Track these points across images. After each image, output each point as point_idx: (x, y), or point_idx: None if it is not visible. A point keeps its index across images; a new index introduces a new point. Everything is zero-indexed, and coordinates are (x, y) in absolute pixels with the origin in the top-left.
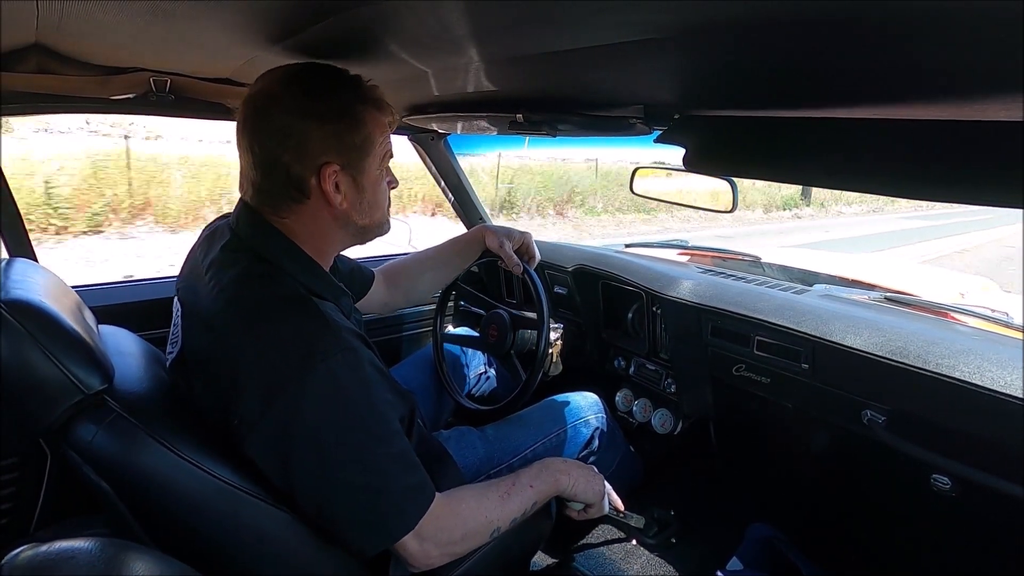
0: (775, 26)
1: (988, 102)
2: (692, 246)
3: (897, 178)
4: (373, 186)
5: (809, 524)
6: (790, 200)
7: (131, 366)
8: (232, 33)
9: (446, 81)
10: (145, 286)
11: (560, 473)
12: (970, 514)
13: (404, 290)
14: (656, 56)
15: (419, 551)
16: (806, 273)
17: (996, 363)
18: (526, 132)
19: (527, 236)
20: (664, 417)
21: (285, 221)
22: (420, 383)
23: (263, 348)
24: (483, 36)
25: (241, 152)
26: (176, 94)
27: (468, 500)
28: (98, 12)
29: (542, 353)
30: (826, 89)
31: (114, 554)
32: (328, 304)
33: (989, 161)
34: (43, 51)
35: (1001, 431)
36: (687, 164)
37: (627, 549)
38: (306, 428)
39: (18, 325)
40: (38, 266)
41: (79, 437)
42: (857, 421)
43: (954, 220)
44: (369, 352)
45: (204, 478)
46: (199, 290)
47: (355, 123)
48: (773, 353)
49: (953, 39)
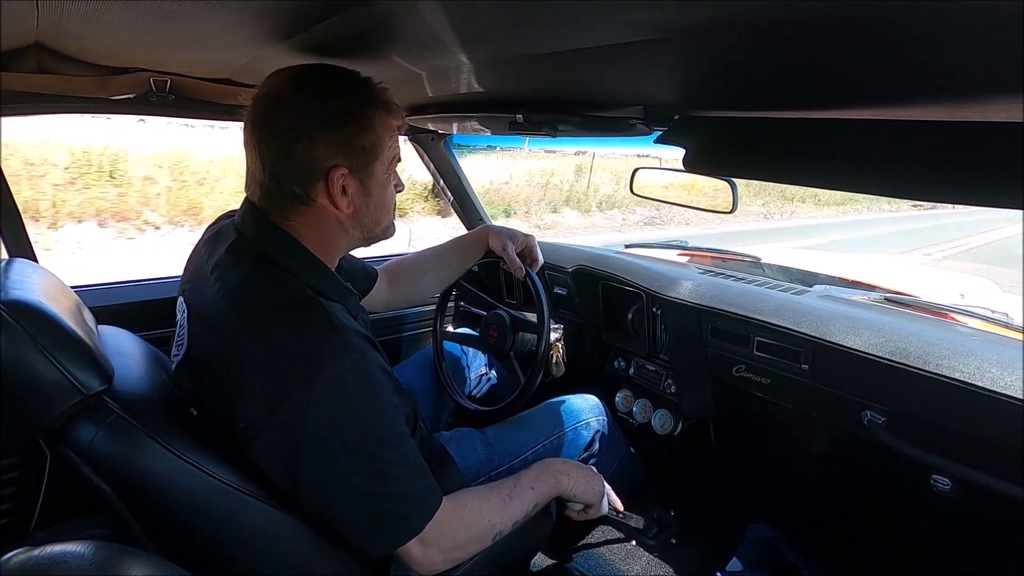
0: (775, 27)
1: (988, 103)
2: (692, 247)
3: (897, 179)
4: (380, 190)
5: (809, 525)
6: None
7: (131, 367)
8: (232, 33)
9: (446, 81)
10: (145, 286)
11: (560, 474)
12: (970, 515)
13: (406, 289)
14: (656, 57)
15: (423, 556)
16: (806, 274)
17: (996, 364)
18: (526, 133)
19: (531, 239)
20: (664, 418)
21: (291, 223)
22: (420, 384)
23: (269, 351)
24: (485, 36)
25: (248, 152)
26: (176, 94)
27: (471, 504)
28: (98, 12)
29: (542, 355)
30: (826, 90)
31: (108, 558)
32: (335, 305)
33: (989, 161)
34: (43, 51)
35: (1001, 432)
36: (687, 165)
37: (627, 550)
38: (313, 433)
39: (18, 326)
40: (37, 266)
41: (79, 438)
42: (857, 422)
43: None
44: (376, 354)
45: (204, 479)
46: (204, 291)
47: (365, 126)
48: (773, 354)
49: (953, 40)
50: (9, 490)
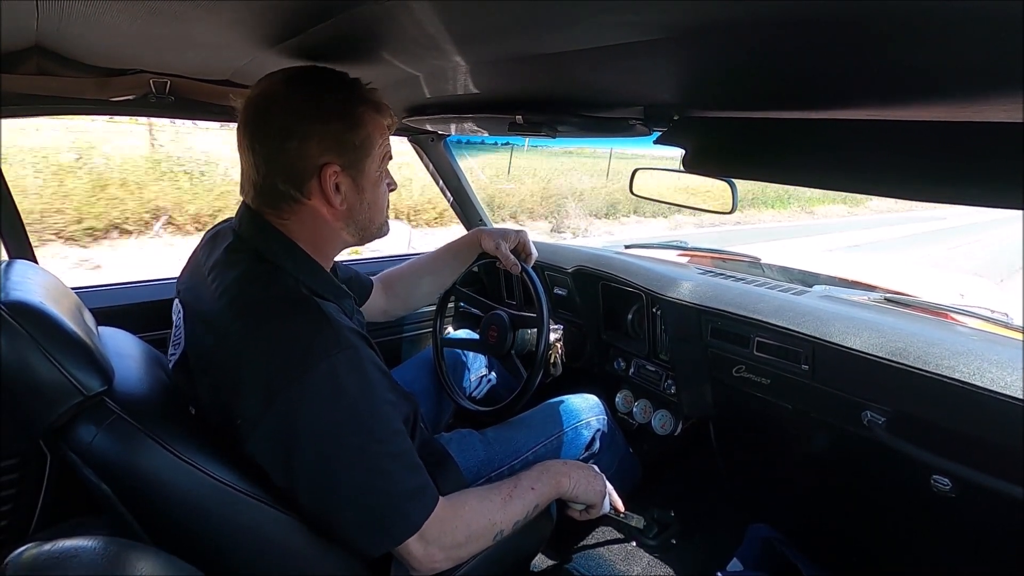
0: (775, 27)
1: (988, 103)
2: (692, 247)
3: (897, 179)
4: (373, 187)
5: (809, 525)
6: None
7: (131, 368)
8: (232, 35)
9: (444, 83)
10: (145, 288)
11: (561, 475)
12: (970, 515)
13: (403, 296)
14: (656, 57)
15: (423, 554)
16: (806, 274)
17: (996, 364)
18: (526, 133)
19: (523, 234)
20: (664, 418)
21: (286, 222)
22: (421, 385)
23: (265, 348)
24: (483, 37)
25: (242, 153)
26: (176, 95)
27: (471, 503)
28: (98, 13)
29: (542, 353)
30: (826, 90)
31: (117, 552)
32: (330, 304)
33: (989, 162)
34: (43, 53)
35: (1001, 432)
36: (687, 165)
37: (627, 550)
38: (307, 427)
39: (18, 327)
40: (38, 268)
41: (79, 439)
42: (857, 422)
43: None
44: (371, 352)
45: (204, 480)
46: (201, 291)
47: (355, 124)
48: (773, 354)
49: (953, 40)
50: (10, 491)
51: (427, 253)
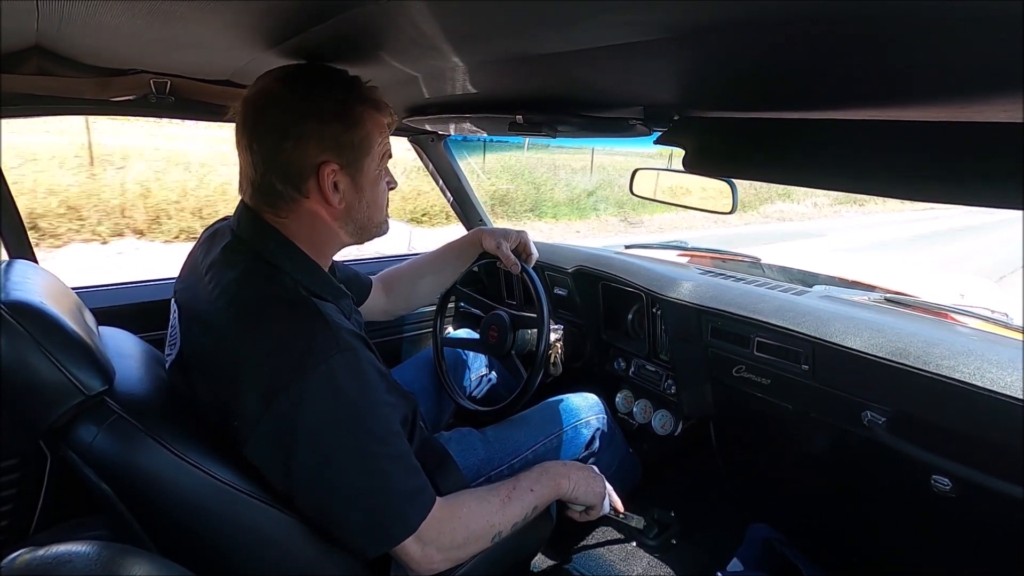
0: (775, 27)
1: (988, 103)
2: (692, 247)
3: (897, 179)
4: (372, 186)
5: (809, 525)
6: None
7: (131, 367)
8: (232, 35)
9: (444, 83)
10: (145, 287)
11: (560, 477)
12: (970, 515)
13: (403, 296)
14: (656, 57)
15: (422, 555)
16: (806, 274)
17: (996, 364)
18: (525, 133)
19: (523, 235)
20: (664, 418)
21: (284, 221)
22: (421, 385)
23: (263, 349)
24: (483, 38)
25: (240, 152)
26: (176, 96)
27: (470, 504)
28: (99, 14)
29: (542, 353)
30: (826, 90)
31: (111, 557)
32: (328, 305)
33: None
34: (43, 53)
35: (1001, 432)
36: (687, 165)
37: (627, 550)
38: (305, 428)
39: (19, 326)
40: (38, 267)
41: (80, 439)
42: (857, 422)
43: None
44: (369, 353)
45: (205, 480)
46: (198, 291)
47: (354, 122)
48: (773, 354)
49: (953, 40)
50: (10, 491)
51: (427, 252)
